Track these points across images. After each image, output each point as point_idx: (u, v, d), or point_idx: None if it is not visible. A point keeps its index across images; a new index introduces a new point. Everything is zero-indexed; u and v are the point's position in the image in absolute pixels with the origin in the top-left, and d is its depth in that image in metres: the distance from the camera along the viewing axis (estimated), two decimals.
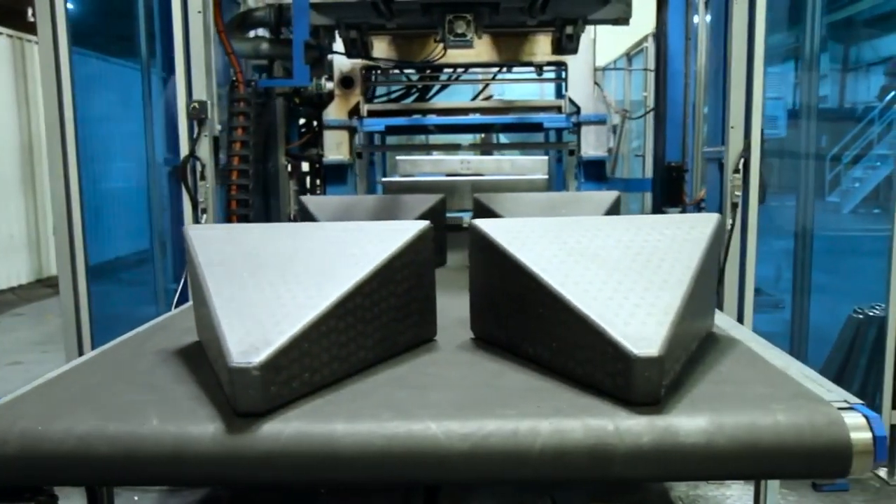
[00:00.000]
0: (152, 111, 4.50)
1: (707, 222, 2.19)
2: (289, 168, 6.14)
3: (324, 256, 2.08)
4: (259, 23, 5.09)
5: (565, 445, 1.60)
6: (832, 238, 5.71)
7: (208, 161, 3.44)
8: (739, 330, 2.42)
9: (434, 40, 4.98)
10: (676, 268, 1.97)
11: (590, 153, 6.00)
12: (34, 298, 8.35)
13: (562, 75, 6.41)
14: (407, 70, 6.36)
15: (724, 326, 2.43)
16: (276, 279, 2.00)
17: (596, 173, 6.09)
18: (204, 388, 1.89)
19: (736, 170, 3.26)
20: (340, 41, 4.73)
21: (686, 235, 2.12)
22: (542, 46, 5.83)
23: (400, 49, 5.70)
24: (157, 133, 4.50)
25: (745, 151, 3.25)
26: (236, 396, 1.68)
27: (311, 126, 6.11)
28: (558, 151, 7.28)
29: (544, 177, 6.41)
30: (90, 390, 1.92)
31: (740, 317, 3.34)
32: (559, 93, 7.14)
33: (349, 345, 1.95)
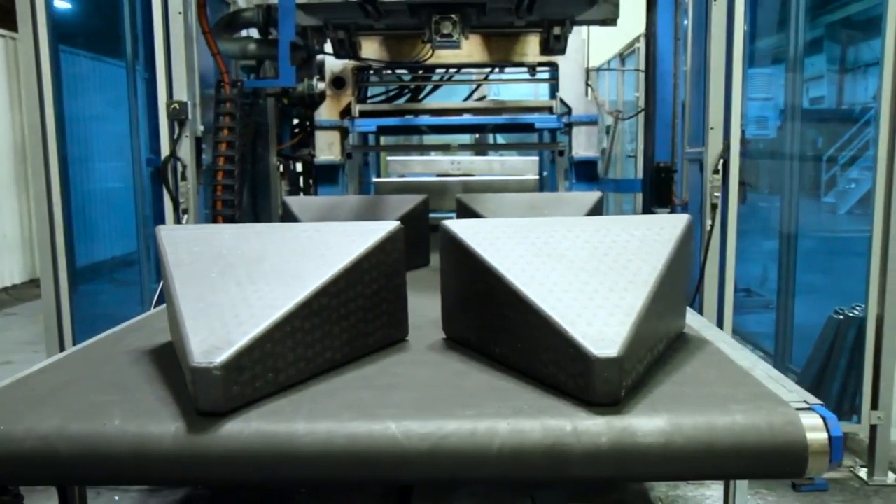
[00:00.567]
0: (138, 111, 4.51)
1: (677, 223, 2.19)
2: (281, 168, 6.14)
3: (293, 257, 2.08)
4: (247, 23, 5.08)
5: (523, 446, 1.60)
6: (829, 239, 5.72)
7: (189, 161, 3.44)
8: (711, 330, 2.42)
9: (422, 41, 4.99)
10: (643, 268, 1.98)
11: (581, 154, 6.00)
12: (27, 298, 8.36)
13: (554, 76, 6.41)
14: (399, 70, 6.36)
15: (697, 327, 2.43)
16: (244, 279, 2.00)
17: (587, 174, 6.09)
18: (171, 388, 1.90)
19: (716, 170, 3.26)
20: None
21: (655, 236, 2.13)
22: (534, 47, 5.83)
23: (391, 50, 5.70)
24: (143, 133, 4.51)
25: (725, 152, 3.25)
26: (198, 396, 1.69)
27: (304, 126, 6.12)
28: (552, 152, 7.28)
29: (534, 177, 6.43)
30: (57, 390, 1.92)
31: (720, 317, 3.34)
32: (553, 93, 7.14)
33: (315, 345, 1.96)
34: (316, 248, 2.10)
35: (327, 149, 5.91)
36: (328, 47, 5.04)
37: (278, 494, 3.14)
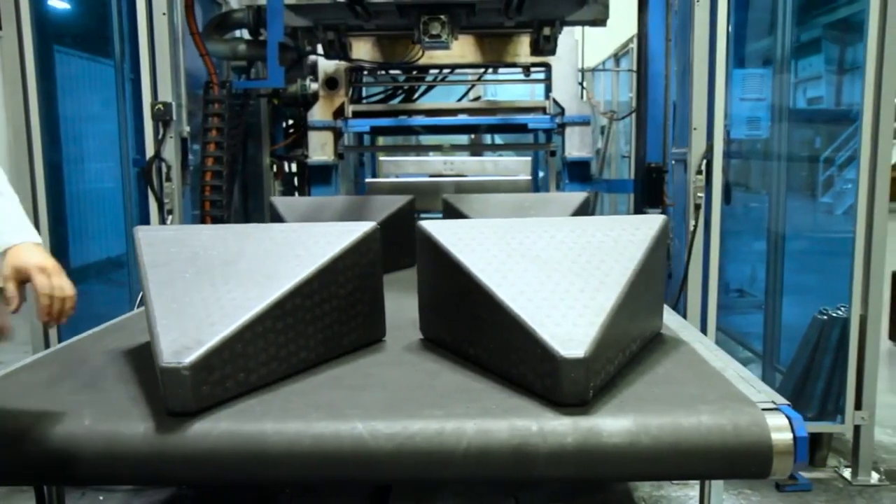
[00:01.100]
0: (126, 112, 4.50)
1: (652, 224, 2.20)
2: (275, 169, 6.14)
3: (268, 257, 2.09)
4: (238, 24, 5.09)
5: (489, 446, 1.61)
6: (825, 240, 5.70)
7: (174, 162, 3.45)
8: (688, 331, 2.43)
9: (411, 42, 4.99)
10: (615, 269, 1.98)
11: (574, 154, 6.00)
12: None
13: (548, 76, 6.41)
14: (394, 71, 6.36)
15: (674, 327, 2.44)
16: (218, 280, 2.01)
17: (580, 174, 6.09)
18: (145, 389, 1.91)
19: (699, 171, 3.27)
20: None
21: (629, 237, 2.13)
22: (527, 48, 5.82)
23: (384, 50, 5.70)
24: (131, 134, 4.50)
25: (708, 153, 3.26)
26: (167, 396, 1.70)
27: (298, 127, 6.12)
28: (546, 152, 7.28)
29: (527, 178, 6.43)
30: (31, 390, 1.93)
31: (704, 317, 3.34)
32: (547, 94, 7.13)
33: (289, 345, 1.96)
34: (291, 249, 2.11)
35: (320, 149, 5.91)
36: (319, 48, 5.06)
37: (262, 495, 3.14)
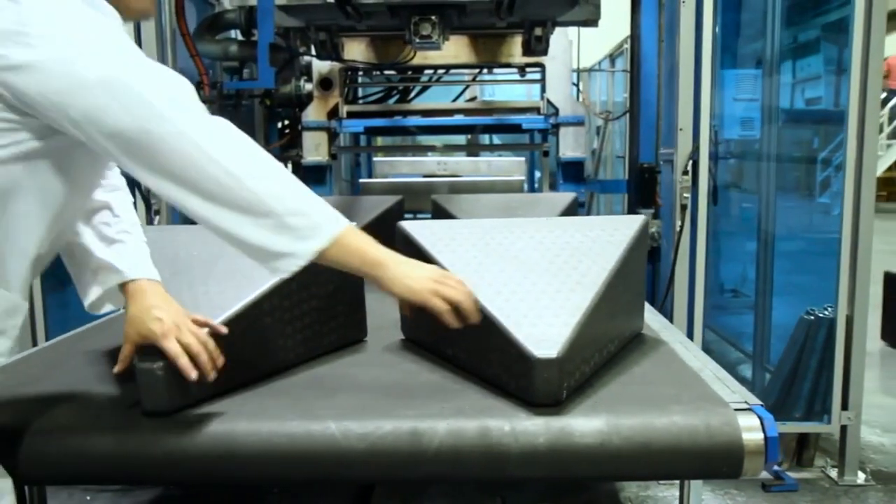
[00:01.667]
0: None
1: (631, 224, 2.20)
2: None
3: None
4: (230, 25, 5.10)
5: (461, 446, 1.61)
6: (815, 240, 5.69)
7: None
8: (669, 331, 2.43)
9: (403, 42, 5.00)
10: (592, 269, 1.99)
11: (568, 154, 6.01)
12: None
13: (542, 77, 6.41)
14: (389, 72, 6.37)
15: (657, 328, 2.44)
16: (197, 281, 2.01)
17: (574, 174, 6.09)
18: (123, 389, 1.91)
19: (685, 171, 3.27)
20: None
21: (608, 237, 2.14)
22: (520, 48, 5.84)
23: (378, 51, 5.71)
24: None
25: (694, 153, 3.26)
26: (142, 396, 1.70)
27: (294, 127, 6.13)
28: (541, 152, 7.28)
29: (521, 178, 6.42)
30: (9, 390, 1.93)
31: (690, 317, 3.35)
32: (542, 95, 7.14)
33: (267, 346, 1.97)
34: None
35: (315, 150, 5.92)
36: (312, 48, 5.07)
37: (250, 494, 3.15)
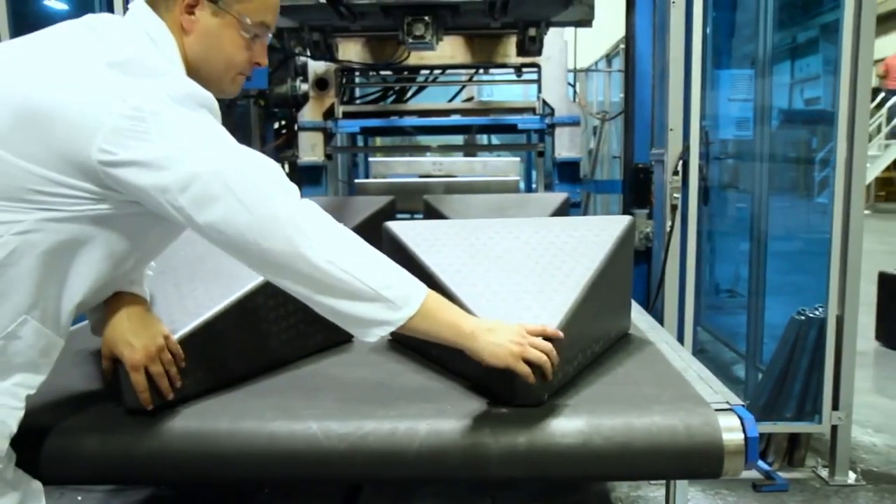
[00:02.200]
0: None
1: (617, 224, 2.21)
2: None
3: None
4: None
5: (442, 446, 1.62)
6: (808, 240, 5.69)
7: None
8: (656, 332, 2.43)
9: (396, 42, 5.01)
10: (576, 269, 1.99)
11: (564, 154, 6.01)
12: None
13: (539, 77, 6.41)
14: (385, 72, 6.37)
15: (644, 328, 2.44)
16: (183, 279, 2.02)
17: (570, 175, 6.10)
18: (109, 388, 1.91)
19: (675, 171, 3.28)
20: None
21: (593, 237, 2.14)
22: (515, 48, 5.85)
23: (373, 51, 5.72)
24: None
25: (684, 153, 3.27)
26: (125, 394, 1.70)
27: (290, 128, 6.14)
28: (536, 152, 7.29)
29: (516, 178, 6.43)
30: None
31: (681, 317, 3.35)
32: (538, 95, 7.14)
33: (250, 345, 1.97)
34: None
35: (310, 150, 5.93)
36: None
37: (241, 494, 3.16)
